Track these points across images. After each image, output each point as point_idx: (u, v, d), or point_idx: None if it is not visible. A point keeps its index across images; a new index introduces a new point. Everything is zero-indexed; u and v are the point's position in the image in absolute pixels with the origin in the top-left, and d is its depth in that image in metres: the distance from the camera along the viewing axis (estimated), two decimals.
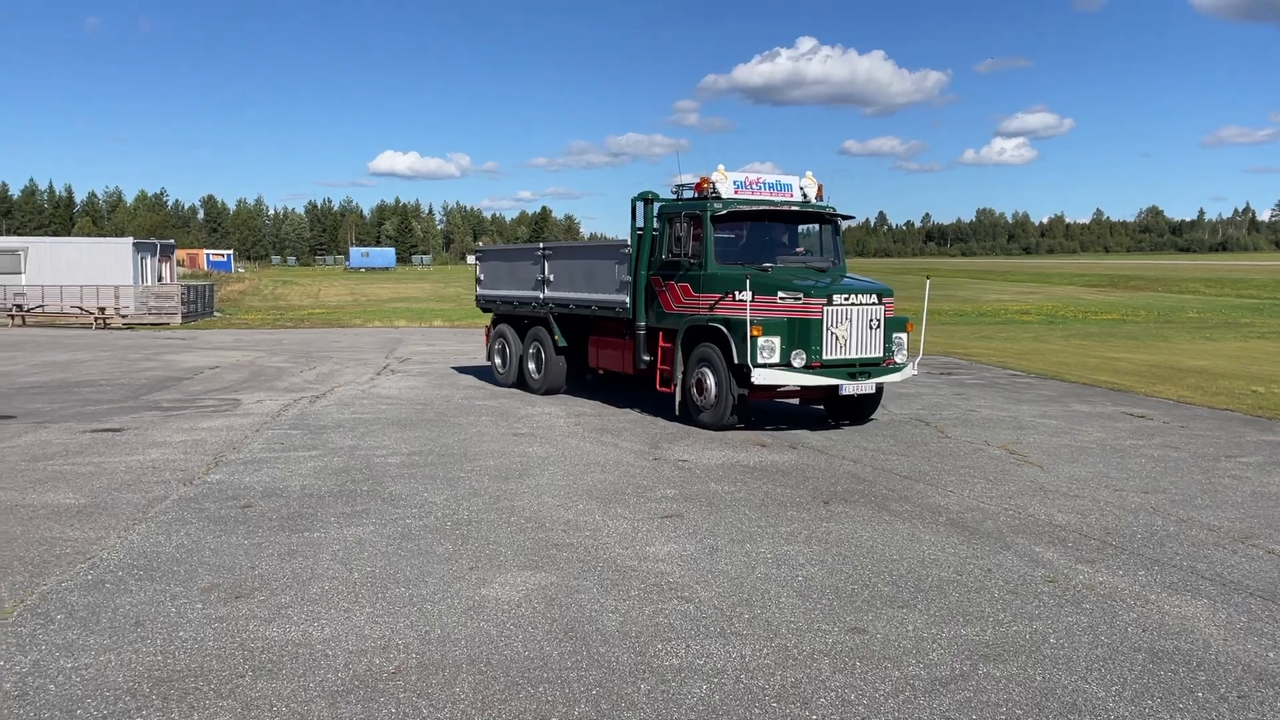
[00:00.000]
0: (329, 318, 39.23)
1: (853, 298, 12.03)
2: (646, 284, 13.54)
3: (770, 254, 13.17)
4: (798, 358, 11.79)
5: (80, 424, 12.70)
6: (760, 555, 6.79)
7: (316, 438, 11.65)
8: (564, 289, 15.43)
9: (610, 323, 14.59)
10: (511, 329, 16.91)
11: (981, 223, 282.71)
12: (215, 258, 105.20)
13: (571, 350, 15.55)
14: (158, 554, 6.77)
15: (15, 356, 22.51)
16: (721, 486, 9.00)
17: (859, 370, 12.06)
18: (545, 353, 15.80)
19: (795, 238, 13.93)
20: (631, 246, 13.71)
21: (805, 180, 13.75)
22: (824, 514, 7.99)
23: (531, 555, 6.79)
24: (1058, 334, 32.20)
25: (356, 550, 6.89)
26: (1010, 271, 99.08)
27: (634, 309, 13.66)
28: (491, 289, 17.78)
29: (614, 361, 14.59)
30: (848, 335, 11.99)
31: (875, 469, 9.86)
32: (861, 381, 12.03)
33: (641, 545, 7.03)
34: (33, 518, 7.79)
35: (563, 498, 8.56)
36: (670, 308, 13.21)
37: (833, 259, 13.71)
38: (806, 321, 11.83)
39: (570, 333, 15.49)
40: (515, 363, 16.73)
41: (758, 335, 11.67)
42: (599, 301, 14.52)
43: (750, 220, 13.32)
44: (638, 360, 13.73)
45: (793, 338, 11.83)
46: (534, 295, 16.11)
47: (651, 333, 13.53)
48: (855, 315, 12.03)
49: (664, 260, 13.22)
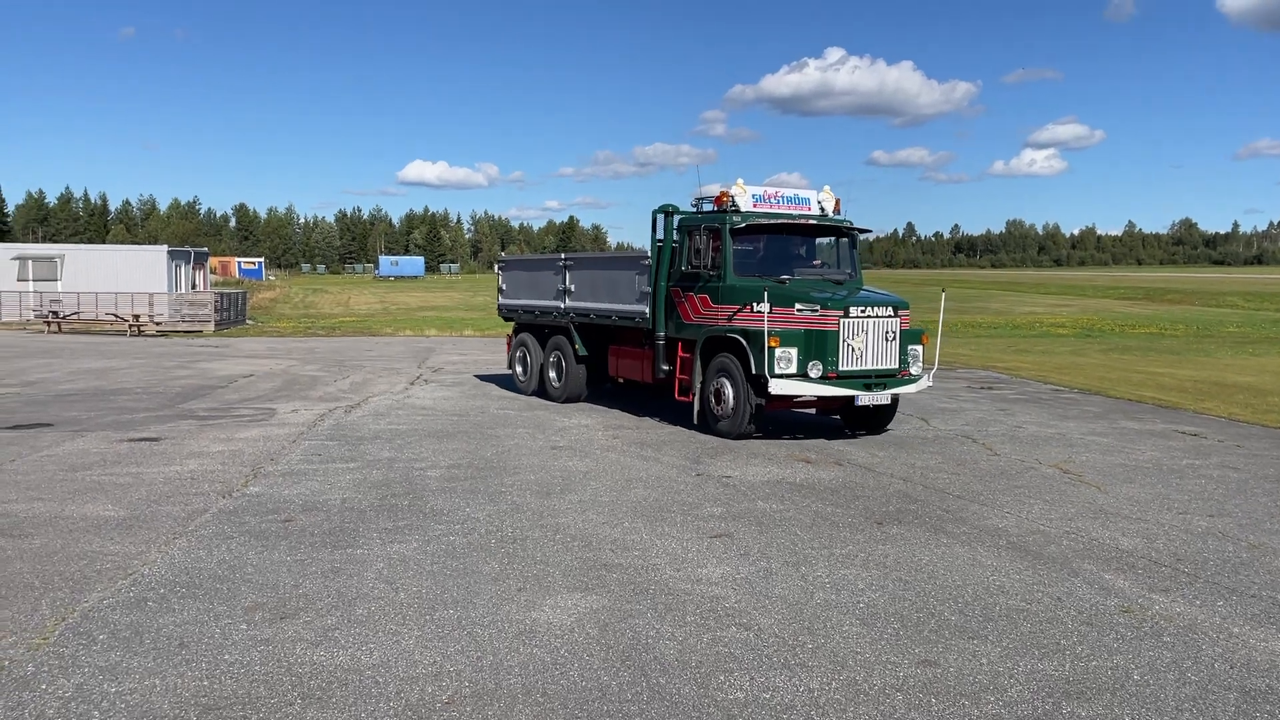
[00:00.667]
0: (360, 326, 39.33)
1: (869, 310, 12.18)
2: (666, 295, 13.70)
3: (788, 266, 13.29)
4: (814, 368, 11.96)
5: (117, 433, 12.65)
6: (817, 579, 6.55)
7: (354, 449, 11.52)
8: (585, 299, 15.60)
9: (630, 333, 14.73)
10: (533, 338, 17.09)
11: (1011, 234, 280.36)
12: (247, 265, 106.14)
13: (591, 359, 15.70)
14: (200, 570, 6.63)
15: (52, 363, 22.63)
16: (769, 505, 8.77)
17: (875, 381, 12.18)
18: (566, 362, 15.97)
19: (813, 250, 14.04)
20: (651, 258, 13.87)
21: (823, 194, 13.91)
22: (878, 535, 7.73)
23: (580, 576, 6.59)
24: (1095, 348, 31.68)
25: (401, 569, 6.71)
26: (1042, 284, 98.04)
27: (654, 319, 13.80)
28: (513, 299, 17.94)
29: (633, 371, 14.75)
30: (864, 347, 12.13)
31: (926, 488, 9.59)
32: (877, 392, 12.16)
33: (693, 567, 6.81)
34: (72, 530, 7.68)
35: (607, 515, 8.35)
36: (689, 318, 13.37)
37: (850, 271, 13.84)
38: (823, 333, 12.00)
39: (590, 342, 15.66)
40: (536, 371, 16.88)
41: (775, 346, 11.82)
42: (619, 312, 14.66)
43: (768, 233, 13.46)
44: (657, 370, 13.86)
45: (809, 349, 11.99)
46: (555, 305, 16.26)
47: (671, 343, 13.67)
48: (871, 327, 12.18)
49: (683, 272, 13.39)
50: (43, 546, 7.19)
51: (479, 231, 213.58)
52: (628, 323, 14.51)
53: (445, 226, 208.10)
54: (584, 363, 15.75)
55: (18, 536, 7.46)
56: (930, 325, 13.67)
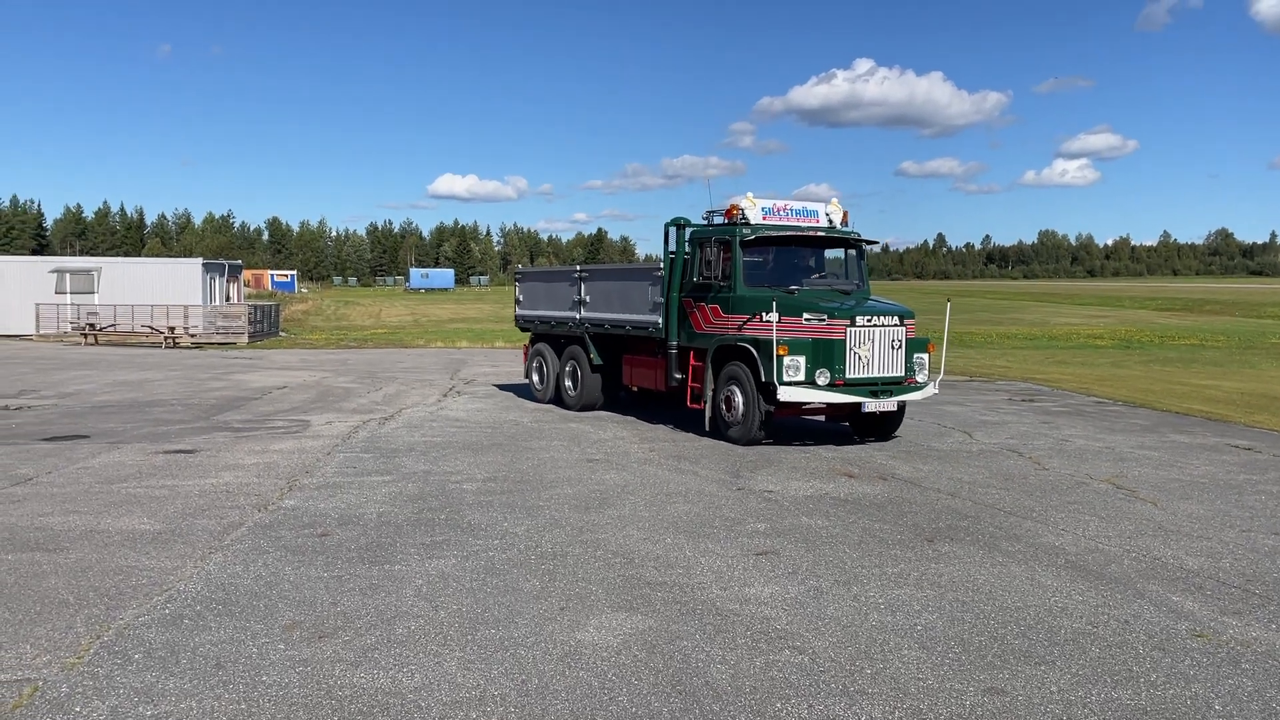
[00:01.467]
0: (392, 338, 39.43)
1: (875, 319, 12.52)
2: (678, 305, 14.04)
3: (796, 277, 13.57)
4: (822, 376, 12.27)
5: (153, 445, 12.62)
6: (870, 600, 6.30)
7: (389, 461, 11.40)
8: (599, 310, 15.91)
9: (643, 342, 15.05)
10: (549, 348, 17.44)
11: (1044, 245, 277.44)
12: (279, 278, 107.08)
13: (606, 368, 16.04)
14: (236, 586, 6.49)
15: (89, 375, 22.78)
16: (814, 521, 8.52)
17: (881, 389, 12.51)
18: (581, 371, 16.28)
19: (821, 261, 14.33)
20: (664, 269, 14.22)
21: (831, 206, 14.28)
22: (930, 554, 7.47)
23: (624, 594, 6.38)
24: (1136, 359, 31.10)
25: (440, 586, 6.54)
26: (1077, 294, 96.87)
27: (666, 329, 14.16)
28: (530, 309, 18.25)
29: (647, 379, 15.09)
30: (870, 355, 12.46)
31: (976, 503, 9.30)
32: (884, 399, 12.49)
33: (739, 586, 6.58)
34: (108, 544, 7.59)
35: (648, 530, 8.15)
36: (701, 328, 13.69)
37: (857, 282, 14.15)
38: (830, 341, 12.34)
39: (605, 351, 15.98)
40: (553, 380, 17.24)
41: (784, 355, 12.15)
42: (633, 322, 14.99)
43: (777, 245, 13.77)
44: (670, 378, 14.17)
45: (817, 357, 12.30)
46: (571, 315, 16.58)
47: (683, 352, 13.98)
48: (877, 336, 12.50)
49: (695, 283, 13.74)
50: (78, 561, 7.09)
51: (508, 244, 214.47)
52: (641, 332, 14.81)
53: (475, 239, 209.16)
54: (599, 372, 16.05)
55: (53, 550, 7.38)
56: (951, 336, 13.61)
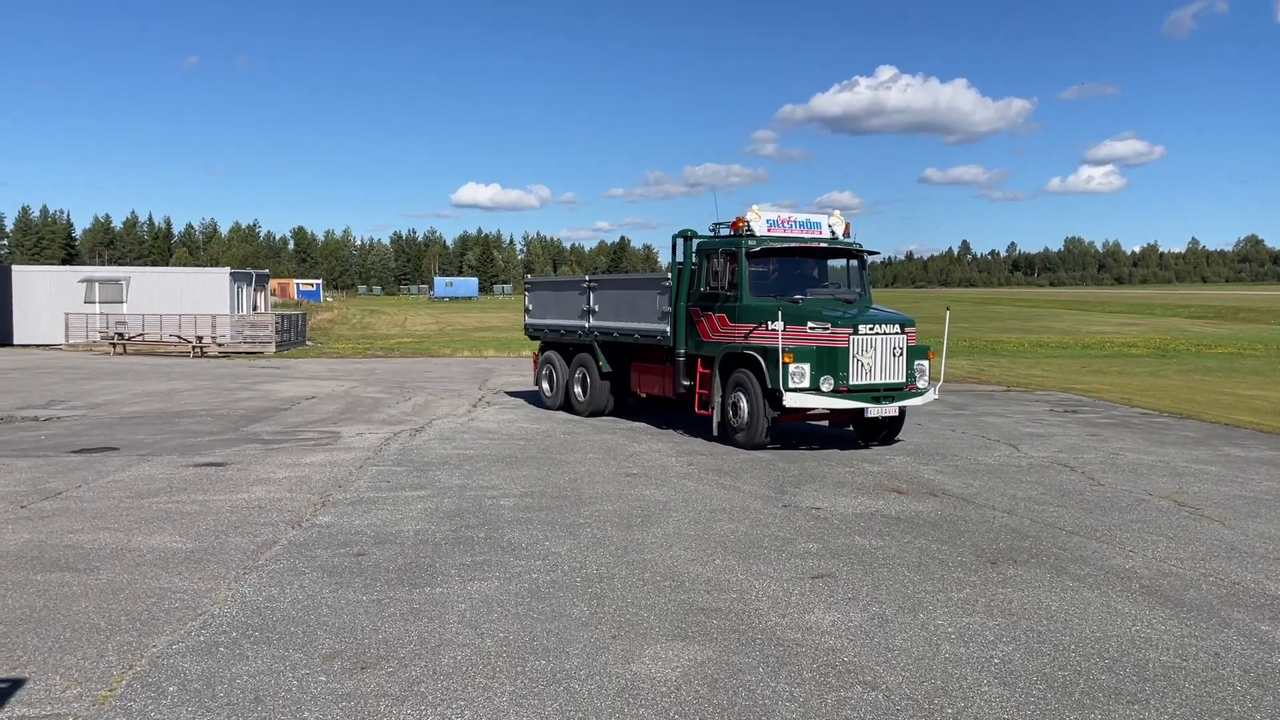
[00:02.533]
0: (418, 347, 39.31)
1: (877, 327, 12.92)
2: (686, 314, 14.43)
3: (800, 287, 13.98)
4: (826, 382, 12.66)
5: (182, 457, 12.43)
6: (940, 629, 5.95)
7: (423, 475, 11.14)
8: (608, 318, 16.28)
9: (651, 350, 15.44)
10: (558, 355, 17.80)
11: (1070, 252, 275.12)
12: (305, 287, 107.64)
13: (614, 375, 16.47)
14: (272, 610, 6.23)
15: (118, 385, 22.72)
16: (868, 541, 8.18)
17: (883, 394, 12.88)
18: (591, 378, 16.69)
19: (824, 272, 14.76)
20: (671, 279, 14.59)
21: (833, 218, 14.69)
22: (995, 577, 7.11)
23: (678, 622, 6.07)
24: (1173, 368, 30.46)
25: (485, 611, 6.25)
26: (1107, 302, 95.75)
27: (674, 337, 14.53)
28: (539, 318, 18.64)
29: (655, 386, 15.53)
30: (873, 362, 12.86)
31: (1034, 522, 8.92)
32: (885, 405, 12.86)
33: (799, 612, 6.25)
34: (139, 564, 7.35)
35: (695, 550, 7.83)
36: (708, 336, 14.10)
37: (859, 291, 14.53)
38: (834, 349, 12.72)
39: (613, 359, 16.42)
40: (562, 387, 17.56)
41: (789, 362, 12.57)
42: (641, 330, 15.38)
43: (782, 256, 14.19)
44: (677, 385, 14.57)
45: (821, 364, 12.70)
46: (580, 324, 16.95)
47: (690, 359, 14.39)
48: (880, 344, 12.90)
49: (702, 292, 14.14)
50: (109, 582, 6.86)
51: (531, 252, 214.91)
52: (649, 340, 15.17)
53: (498, 247, 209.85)
54: (607, 379, 16.46)
55: (84, 571, 7.15)
56: (982, 344, 13.64)
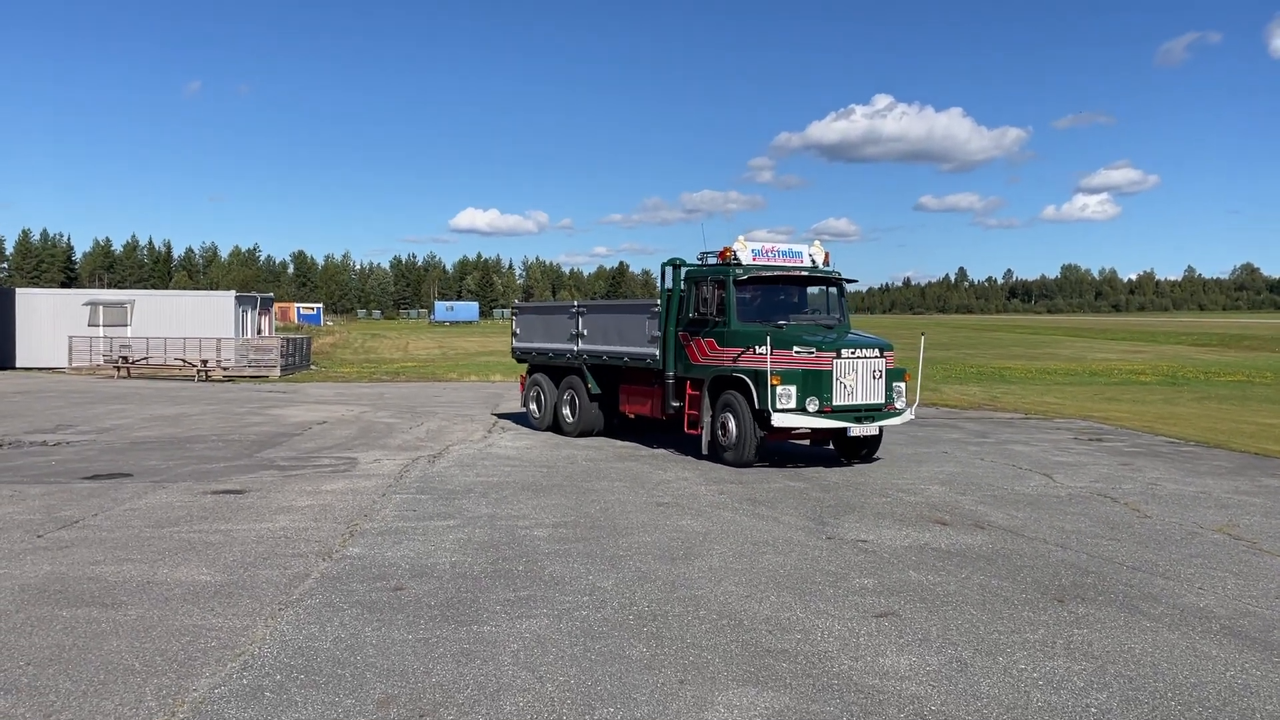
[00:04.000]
0: (424, 371, 39.01)
1: (859, 351, 13.63)
2: (675, 339, 14.98)
3: (783, 313, 14.65)
4: (812, 403, 13.27)
5: (199, 484, 12.12)
6: (1024, 674, 5.64)
7: (449, 504, 10.82)
8: (597, 342, 16.86)
9: (640, 373, 15.98)
10: (546, 378, 18.31)
11: (1067, 279, 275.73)
12: (305, 311, 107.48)
13: (603, 397, 17.00)
14: (315, 651, 5.90)
15: (125, 409, 22.39)
16: (924, 576, 7.86)
17: (864, 414, 13.54)
18: (580, 399, 17.24)
19: (805, 299, 15.43)
20: (661, 305, 15.20)
21: (813, 248, 15.37)
22: (1066, 616, 6.80)
23: (745, 665, 5.75)
24: (1187, 396, 30.17)
25: (539, 652, 5.93)
26: (1108, 329, 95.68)
27: (664, 360, 15.08)
28: (527, 342, 19.24)
29: (643, 407, 16.14)
30: (854, 384, 13.53)
31: (1091, 556, 8.61)
32: (867, 424, 13.53)
33: (871, 655, 5.93)
34: (168, 598, 7.03)
35: (747, 586, 7.51)
36: (697, 359, 14.66)
37: (838, 317, 15.22)
38: (819, 372, 13.38)
39: (601, 381, 16.95)
40: (550, 408, 18.06)
41: (777, 384, 13.12)
42: (631, 354, 15.92)
43: (767, 284, 14.81)
44: (666, 406, 15.17)
45: (807, 386, 13.29)
46: (569, 348, 17.55)
47: (679, 382, 14.98)
48: (861, 367, 13.59)
49: (691, 318, 14.72)
50: (139, 619, 6.53)
51: (531, 277, 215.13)
52: (639, 364, 15.73)
53: (498, 272, 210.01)
54: (596, 400, 16.98)
55: (111, 606, 6.82)
56: (989, 371, 13.68)
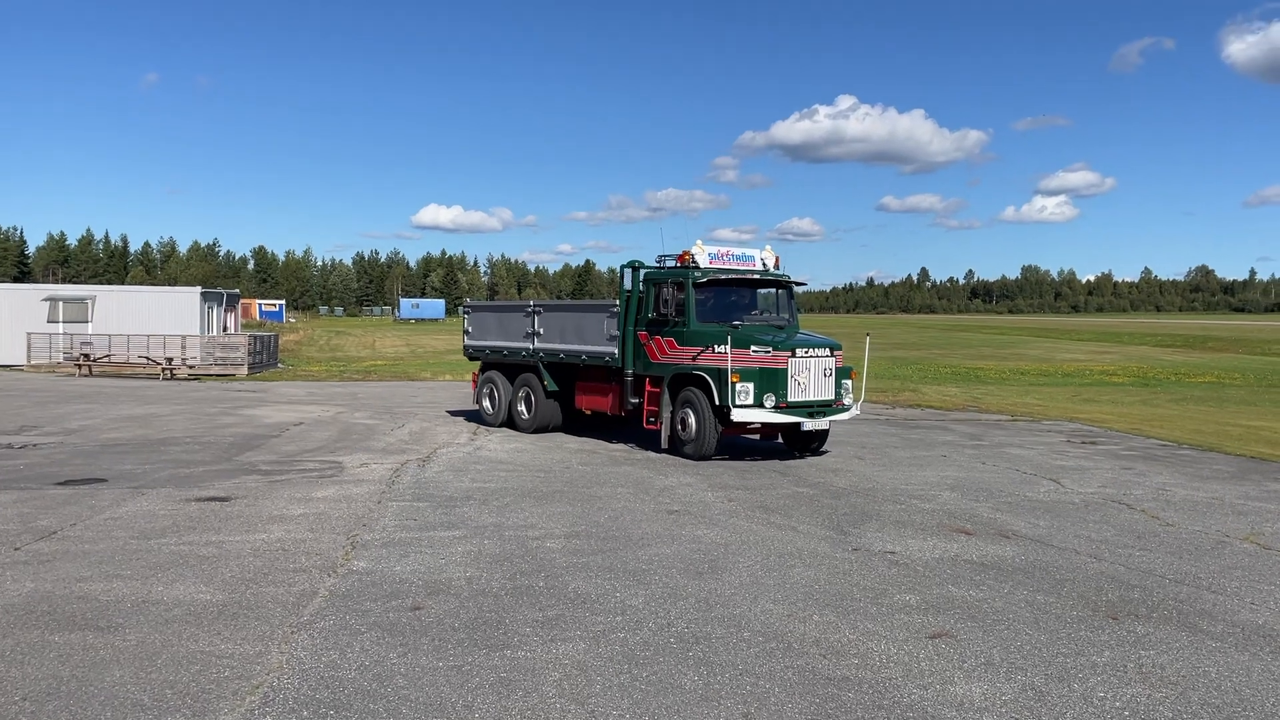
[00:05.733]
0: (395, 370, 38.29)
1: (811, 351, 14.40)
2: (634, 338, 15.53)
3: (737, 314, 15.28)
4: (769, 399, 13.94)
5: (179, 490, 11.52)
6: (1107, 704, 5.30)
7: (450, 513, 10.33)
8: (554, 341, 17.27)
9: (596, 370, 16.47)
10: (501, 376, 18.54)
11: (1028, 280, 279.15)
12: (268, 307, 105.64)
13: (559, 393, 17.37)
14: (341, 682, 5.42)
15: (91, 409, 21.55)
16: (966, 591, 7.53)
17: (816, 410, 14.33)
18: (535, 396, 17.59)
19: (755, 300, 16.11)
20: (620, 306, 15.70)
21: (765, 252, 16.10)
22: (1127, 636, 6.48)
23: (809, 696, 5.35)
24: (1163, 398, 30.32)
25: (582, 681, 5.49)
26: (1073, 330, 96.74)
27: (623, 358, 15.59)
28: (480, 340, 19.32)
29: (600, 404, 16.61)
30: (807, 381, 14.28)
31: (1128, 568, 8.32)
32: (819, 419, 14.39)
33: (939, 683, 5.57)
34: (169, 620, 6.50)
35: (784, 604, 7.12)
36: (656, 358, 15.22)
37: (788, 317, 15.99)
38: (775, 370, 14.06)
39: (558, 378, 17.32)
40: (505, 405, 18.34)
41: (737, 382, 13.82)
42: (589, 352, 16.38)
43: (723, 286, 15.43)
44: (625, 403, 15.66)
45: (764, 384, 13.94)
46: (524, 346, 17.88)
47: (638, 379, 15.48)
48: (813, 365, 14.36)
49: (650, 318, 15.28)
50: (139, 645, 6.00)
51: (496, 275, 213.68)
52: (597, 362, 16.19)
53: (462, 269, 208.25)
54: (553, 397, 17.35)
55: (107, 630, 6.28)
56: (962, 371, 13.54)
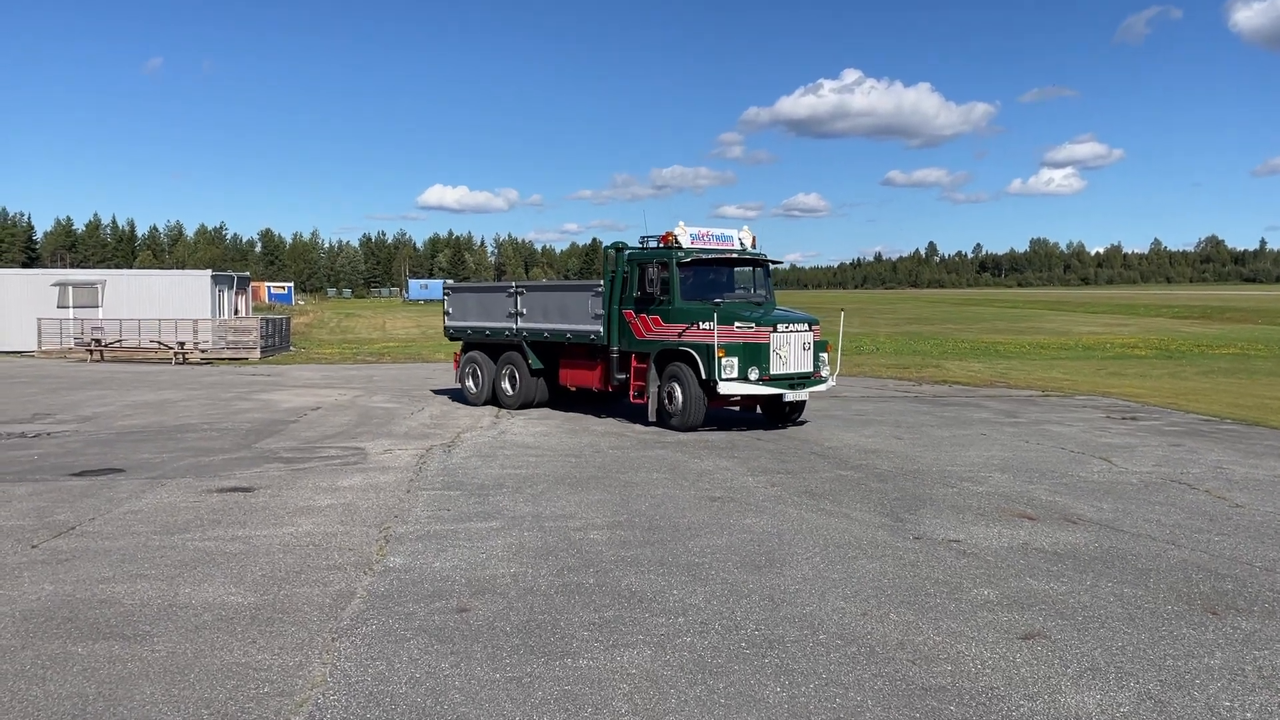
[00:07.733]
0: (409, 351, 37.86)
1: (791, 326, 15.10)
2: (619, 316, 16.15)
3: (718, 292, 15.85)
4: (752, 373, 14.70)
5: (200, 480, 11.08)
6: (1234, 714, 4.79)
7: (483, 502, 9.86)
8: (537, 321, 17.75)
9: (581, 348, 17.06)
10: (484, 355, 18.89)
11: (1036, 252, 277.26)
12: (277, 290, 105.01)
13: (544, 371, 17.93)
14: (391, 697, 4.95)
15: (105, 395, 21.13)
16: (1046, 585, 7.02)
17: (796, 382, 15.08)
18: (520, 374, 18.11)
19: (733, 279, 16.67)
20: (605, 285, 16.27)
21: (743, 232, 16.71)
22: (1233, 634, 5.98)
23: (907, 710, 4.86)
24: (1190, 370, 29.75)
25: (656, 696, 5.01)
26: (1086, 303, 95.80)
27: (609, 336, 16.22)
28: (461, 320, 19.57)
29: (585, 380, 17.20)
30: (788, 355, 15.01)
31: (1212, 555, 7.81)
32: (799, 390, 15.13)
33: (1046, 692, 5.07)
34: (199, 627, 6.04)
35: (856, 601, 6.63)
36: (642, 335, 15.90)
37: (765, 294, 16.61)
38: (758, 345, 14.80)
39: (541, 356, 17.85)
40: (489, 384, 18.73)
41: (722, 356, 14.50)
42: (574, 331, 16.92)
43: (705, 265, 16.07)
44: (610, 378, 16.33)
45: (747, 358, 14.69)
46: (508, 326, 18.26)
47: (624, 356, 16.13)
48: (793, 340, 15.09)
49: (636, 297, 15.90)
50: (170, 656, 5.54)
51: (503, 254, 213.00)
52: (582, 340, 16.75)
53: (469, 249, 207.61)
54: (538, 374, 17.89)
55: (134, 639, 5.82)
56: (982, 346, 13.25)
